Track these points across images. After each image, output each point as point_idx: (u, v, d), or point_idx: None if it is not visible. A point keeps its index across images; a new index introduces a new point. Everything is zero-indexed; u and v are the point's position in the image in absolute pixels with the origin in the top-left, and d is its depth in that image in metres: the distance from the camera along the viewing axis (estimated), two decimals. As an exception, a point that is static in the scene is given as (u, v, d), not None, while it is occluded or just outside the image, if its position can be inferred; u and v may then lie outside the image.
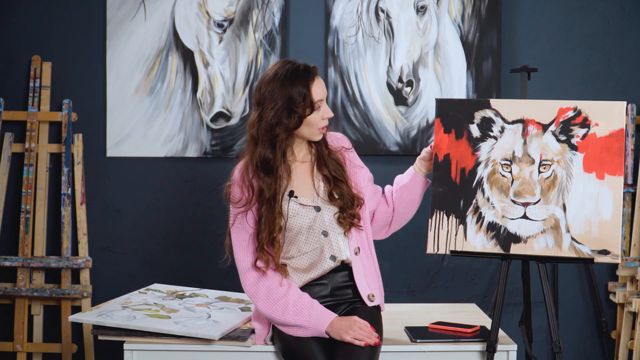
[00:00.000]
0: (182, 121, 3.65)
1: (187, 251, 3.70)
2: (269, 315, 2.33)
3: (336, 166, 2.42)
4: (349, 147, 2.50)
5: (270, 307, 2.32)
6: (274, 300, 2.32)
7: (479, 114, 2.52)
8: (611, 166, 2.40)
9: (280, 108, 2.30)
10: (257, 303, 2.34)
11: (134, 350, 2.40)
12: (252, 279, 2.35)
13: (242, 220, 2.37)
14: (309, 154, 2.45)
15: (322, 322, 2.29)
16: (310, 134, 2.37)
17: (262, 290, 2.34)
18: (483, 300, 3.69)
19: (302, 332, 2.31)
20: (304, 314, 2.30)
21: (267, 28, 3.64)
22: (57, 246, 3.68)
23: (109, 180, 3.69)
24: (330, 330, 2.28)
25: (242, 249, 2.38)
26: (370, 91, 3.66)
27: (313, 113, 2.33)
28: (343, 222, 2.39)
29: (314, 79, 2.33)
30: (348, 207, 2.39)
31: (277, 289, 2.33)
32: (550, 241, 2.42)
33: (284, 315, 2.30)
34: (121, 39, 3.65)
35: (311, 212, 2.39)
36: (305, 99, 2.31)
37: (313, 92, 2.32)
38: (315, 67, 2.36)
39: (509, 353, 2.42)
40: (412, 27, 3.65)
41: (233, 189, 2.38)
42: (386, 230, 2.62)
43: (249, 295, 2.36)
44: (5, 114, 3.64)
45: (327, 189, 2.40)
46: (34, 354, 3.62)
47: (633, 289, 3.54)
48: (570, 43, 3.69)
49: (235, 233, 2.39)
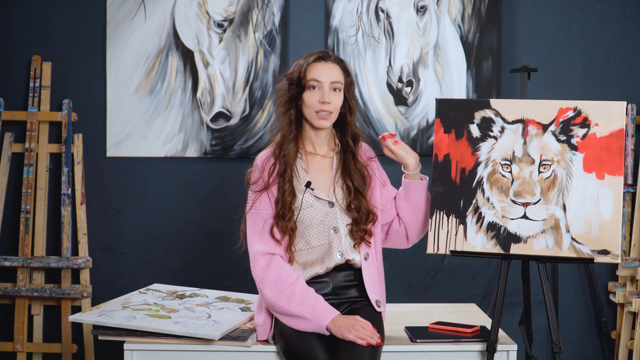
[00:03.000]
0: (182, 121, 3.65)
1: (187, 251, 3.70)
2: (274, 301, 2.33)
3: (360, 179, 2.46)
4: (372, 156, 2.54)
5: (276, 294, 2.32)
6: (281, 287, 2.33)
7: (479, 114, 2.52)
8: (611, 166, 2.40)
9: (285, 81, 2.44)
10: (263, 288, 2.34)
11: (134, 350, 2.40)
12: (263, 264, 2.36)
13: (258, 205, 2.41)
14: (332, 152, 2.49)
15: (325, 317, 2.29)
16: (310, 117, 2.42)
17: (271, 276, 2.34)
18: (483, 300, 3.69)
19: (303, 324, 2.31)
20: (308, 306, 2.31)
21: (267, 28, 3.64)
22: (57, 246, 3.68)
23: (109, 180, 3.70)
24: (332, 327, 2.28)
25: (256, 234, 2.40)
26: (370, 91, 3.66)
27: (307, 91, 2.40)
28: (355, 235, 2.43)
29: (318, 60, 2.41)
30: (362, 221, 2.43)
31: (286, 277, 2.34)
32: (550, 241, 2.42)
33: (288, 304, 2.31)
34: (121, 39, 3.65)
35: (324, 207, 2.42)
36: (299, 74, 2.41)
37: (309, 69, 2.40)
38: (327, 53, 2.44)
39: (509, 353, 2.42)
40: (412, 27, 3.65)
41: (253, 172, 2.45)
42: (406, 242, 2.61)
43: (257, 279, 2.36)
44: (5, 114, 3.65)
45: (346, 199, 2.44)
46: (34, 354, 3.62)
47: (633, 289, 3.54)
48: (570, 43, 3.69)
49: (251, 218, 2.42)
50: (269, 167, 2.42)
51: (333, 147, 2.50)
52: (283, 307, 2.32)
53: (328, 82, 2.39)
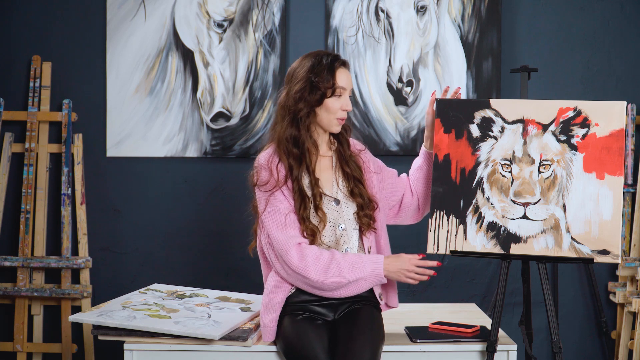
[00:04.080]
0: (182, 121, 3.65)
1: (187, 251, 3.70)
2: (326, 281, 2.34)
3: (355, 168, 2.51)
4: (362, 149, 2.59)
5: (324, 273, 2.34)
6: (325, 265, 2.35)
7: (479, 114, 2.53)
8: (611, 166, 2.40)
9: (305, 83, 2.41)
10: (308, 275, 2.34)
11: (134, 350, 2.40)
12: (297, 255, 2.36)
13: (274, 203, 2.41)
14: (330, 150, 2.53)
15: (377, 267, 2.36)
16: (329, 122, 2.45)
17: (310, 260, 2.35)
18: (483, 300, 3.69)
19: (362, 284, 2.36)
20: (358, 266, 2.35)
21: (267, 28, 3.64)
22: (57, 246, 3.68)
23: (109, 180, 3.70)
24: (388, 275, 2.37)
25: (279, 229, 2.39)
26: (370, 91, 3.66)
27: (333, 97, 2.42)
28: (362, 220, 2.45)
29: (341, 67, 2.44)
30: (367, 207, 2.46)
31: (323, 255, 2.36)
32: (550, 241, 2.42)
33: (340, 275, 2.34)
34: (121, 39, 3.65)
35: (331, 204, 2.45)
36: (329, 79, 2.41)
37: (337, 76, 2.42)
38: (345, 60, 2.47)
39: (509, 353, 2.42)
40: (412, 27, 3.65)
41: (260, 173, 2.44)
42: (418, 214, 2.68)
43: (299, 269, 2.35)
44: (5, 114, 3.65)
45: (347, 186, 2.48)
46: (34, 354, 3.62)
47: (633, 289, 3.54)
48: (570, 43, 3.69)
49: (269, 217, 2.41)
50: (275, 166, 2.43)
51: (330, 146, 2.53)
52: (337, 280, 2.34)
53: (349, 90, 2.46)
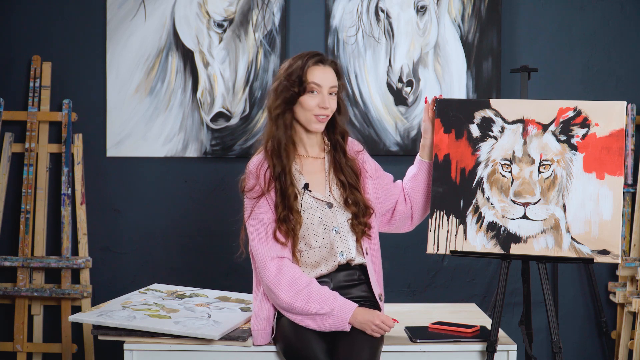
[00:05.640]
0: (182, 121, 3.65)
1: (187, 251, 3.70)
2: (292, 304, 2.32)
3: (352, 174, 2.47)
4: (360, 149, 2.55)
5: (293, 296, 2.32)
6: (297, 289, 2.32)
7: (479, 114, 2.53)
8: (611, 166, 2.40)
9: (282, 81, 2.40)
10: (279, 293, 2.33)
11: (134, 350, 2.40)
12: (274, 269, 2.35)
13: (257, 211, 2.39)
14: (322, 152, 2.50)
15: (347, 311, 2.30)
16: (306, 120, 2.41)
17: (285, 279, 2.33)
18: (483, 300, 3.69)
19: (326, 321, 2.31)
20: (328, 302, 2.31)
21: (267, 28, 3.64)
22: (57, 246, 3.68)
23: (109, 180, 3.69)
24: (353, 322, 2.30)
25: (260, 240, 2.38)
26: (370, 91, 3.66)
27: (306, 95, 2.38)
28: (356, 229, 2.43)
29: (318, 64, 2.40)
30: (361, 214, 2.43)
31: (300, 278, 2.34)
32: (550, 241, 2.42)
33: (307, 303, 2.31)
34: (121, 39, 3.65)
35: (323, 207, 2.42)
36: (300, 76, 2.38)
37: (309, 72, 2.38)
38: (323, 55, 2.43)
39: (509, 353, 2.42)
40: (412, 27, 3.65)
41: (248, 179, 2.43)
42: (409, 224, 2.65)
43: (271, 285, 2.34)
44: (5, 114, 3.64)
45: (342, 194, 2.45)
46: (34, 354, 3.62)
47: (633, 289, 3.54)
48: (570, 43, 3.69)
49: (252, 226, 2.40)
50: (263, 172, 2.40)
51: (323, 148, 2.51)
52: (303, 308, 2.31)
53: (327, 87, 2.40)
